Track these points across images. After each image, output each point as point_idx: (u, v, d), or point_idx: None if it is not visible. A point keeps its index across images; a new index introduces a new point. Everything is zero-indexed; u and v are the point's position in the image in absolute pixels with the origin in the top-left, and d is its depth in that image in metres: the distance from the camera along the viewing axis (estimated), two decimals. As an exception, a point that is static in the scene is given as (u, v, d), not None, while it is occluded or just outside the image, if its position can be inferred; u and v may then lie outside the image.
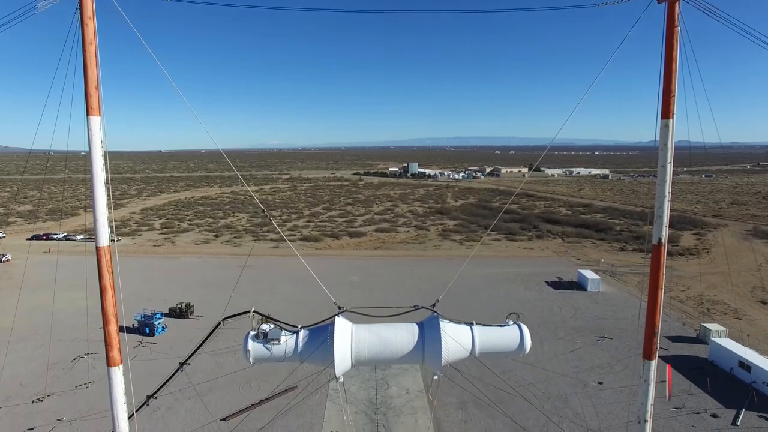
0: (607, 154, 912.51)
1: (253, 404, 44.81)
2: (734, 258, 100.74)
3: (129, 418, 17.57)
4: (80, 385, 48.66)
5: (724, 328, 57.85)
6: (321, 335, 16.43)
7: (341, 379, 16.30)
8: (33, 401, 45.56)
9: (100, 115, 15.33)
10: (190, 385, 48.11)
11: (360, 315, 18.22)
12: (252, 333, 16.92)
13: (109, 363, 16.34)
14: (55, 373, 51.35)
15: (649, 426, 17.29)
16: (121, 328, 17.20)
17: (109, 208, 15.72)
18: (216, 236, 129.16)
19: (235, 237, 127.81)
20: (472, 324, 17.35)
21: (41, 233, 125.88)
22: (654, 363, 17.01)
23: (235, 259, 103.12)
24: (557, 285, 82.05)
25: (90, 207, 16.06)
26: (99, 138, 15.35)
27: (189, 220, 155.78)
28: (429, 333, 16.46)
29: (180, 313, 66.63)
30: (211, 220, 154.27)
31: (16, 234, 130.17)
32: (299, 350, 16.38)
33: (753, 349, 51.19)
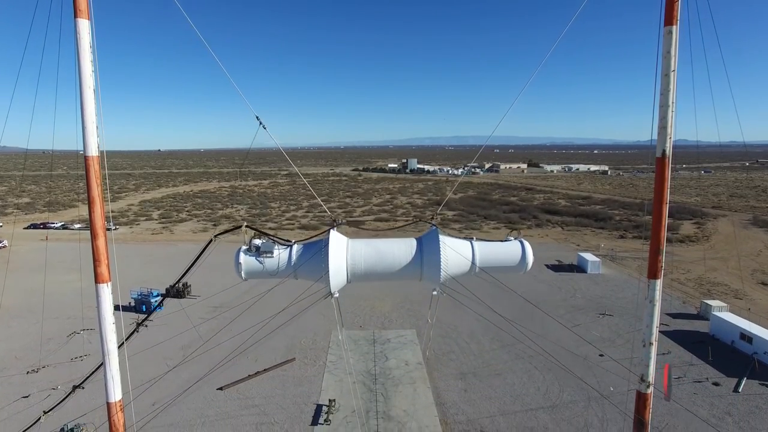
0: (606, 153, 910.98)
1: (250, 375, 44.35)
2: (734, 244, 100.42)
3: (119, 347, 17.11)
4: (75, 357, 48.19)
5: (725, 304, 57.49)
6: (315, 248, 15.99)
7: (336, 295, 15.83)
8: (28, 372, 45.12)
9: (88, 18, 14.86)
10: (188, 358, 47.67)
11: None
12: (244, 247, 16.49)
13: (97, 279, 15.82)
14: (50, 347, 50.85)
15: (654, 349, 16.86)
16: (116, 307, 16.70)
17: (98, 116, 15.24)
18: (214, 225, 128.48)
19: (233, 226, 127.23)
20: (472, 239, 16.94)
21: (39, 222, 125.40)
22: (659, 282, 16.55)
23: (234, 245, 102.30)
24: (557, 268, 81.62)
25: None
26: (87, 42, 14.86)
27: (187, 211, 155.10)
28: (428, 245, 16.02)
29: (177, 292, 66.13)
30: (209, 211, 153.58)
31: (14, 224, 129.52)
32: (293, 263, 15.94)
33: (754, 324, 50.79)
